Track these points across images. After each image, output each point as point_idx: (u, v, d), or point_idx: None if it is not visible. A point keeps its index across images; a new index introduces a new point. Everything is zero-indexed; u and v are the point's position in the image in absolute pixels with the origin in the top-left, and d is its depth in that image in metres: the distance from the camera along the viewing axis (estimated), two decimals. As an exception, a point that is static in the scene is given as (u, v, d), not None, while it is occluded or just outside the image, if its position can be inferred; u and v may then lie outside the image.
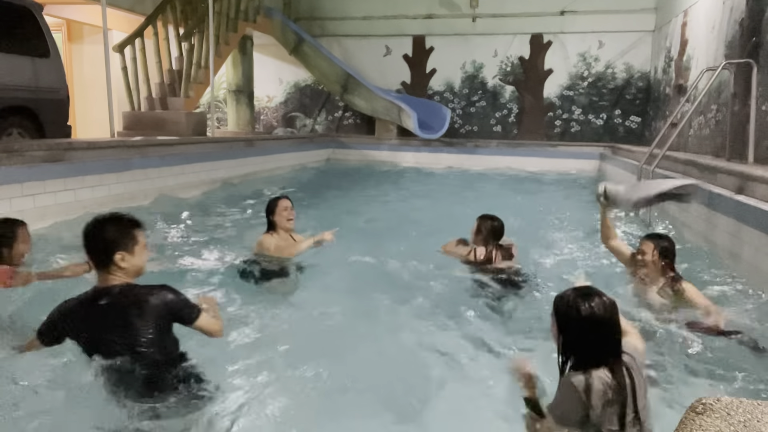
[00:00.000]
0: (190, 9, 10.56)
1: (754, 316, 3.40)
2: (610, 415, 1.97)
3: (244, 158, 9.57)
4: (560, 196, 8.97)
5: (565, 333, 2.09)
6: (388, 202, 8.11)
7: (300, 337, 3.17)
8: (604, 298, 2.08)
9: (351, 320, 3.45)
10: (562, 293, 2.16)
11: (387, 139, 13.28)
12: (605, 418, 1.97)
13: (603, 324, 2.04)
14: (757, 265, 3.90)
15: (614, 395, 1.97)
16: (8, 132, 6.74)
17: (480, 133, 13.90)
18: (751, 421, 1.37)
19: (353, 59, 14.27)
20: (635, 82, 12.87)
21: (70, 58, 11.89)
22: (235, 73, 13.00)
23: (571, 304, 2.08)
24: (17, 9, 6.87)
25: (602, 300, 2.07)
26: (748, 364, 2.89)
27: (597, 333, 2.04)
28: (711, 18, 8.26)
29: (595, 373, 1.99)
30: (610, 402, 1.96)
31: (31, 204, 5.34)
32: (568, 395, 2.02)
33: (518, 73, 13.60)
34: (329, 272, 4.25)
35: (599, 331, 2.04)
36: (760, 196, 4.18)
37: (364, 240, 5.46)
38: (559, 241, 5.66)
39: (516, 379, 2.27)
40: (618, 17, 12.61)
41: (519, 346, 3.16)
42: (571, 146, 12.33)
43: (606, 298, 2.09)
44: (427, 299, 3.85)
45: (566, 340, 2.09)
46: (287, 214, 4.29)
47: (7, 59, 6.68)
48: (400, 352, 3.09)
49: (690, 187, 3.78)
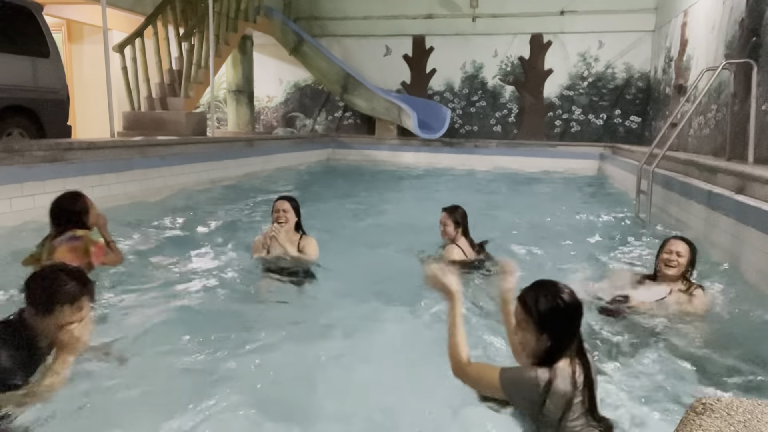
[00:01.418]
0: (190, 9, 10.56)
1: (754, 315, 3.40)
2: (569, 406, 1.90)
3: (244, 158, 9.57)
4: (560, 197, 8.96)
5: (551, 332, 1.96)
6: (388, 203, 8.10)
7: (298, 338, 3.16)
8: (567, 287, 2.01)
9: (350, 320, 3.45)
10: (536, 293, 2.00)
11: (387, 139, 13.29)
12: (563, 410, 1.90)
13: (580, 315, 1.98)
14: (758, 265, 3.90)
15: (575, 387, 1.92)
16: (8, 132, 6.75)
17: (480, 133, 13.90)
18: (751, 421, 1.37)
19: (353, 59, 14.28)
20: (635, 82, 12.87)
21: (70, 58, 11.90)
22: (235, 73, 13.01)
23: (555, 302, 1.95)
24: (17, 9, 6.87)
25: (569, 289, 2.00)
26: (748, 364, 2.89)
27: (575, 325, 1.98)
28: (711, 18, 8.26)
29: (559, 369, 1.92)
30: (570, 395, 1.90)
31: (31, 204, 5.33)
32: (527, 386, 1.93)
33: (518, 73, 13.60)
34: (330, 272, 4.24)
35: (576, 322, 1.98)
36: (760, 196, 4.18)
37: (364, 240, 5.47)
38: (556, 241, 5.67)
39: (436, 289, 2.21)
40: (618, 17, 12.61)
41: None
42: (571, 146, 12.34)
43: (568, 287, 2.01)
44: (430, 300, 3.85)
45: (553, 340, 1.96)
46: (276, 216, 4.18)
47: (7, 59, 6.68)
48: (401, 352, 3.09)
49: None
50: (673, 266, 3.44)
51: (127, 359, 2.67)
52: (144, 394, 2.50)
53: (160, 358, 2.86)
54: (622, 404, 2.56)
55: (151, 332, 3.14)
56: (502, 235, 5.96)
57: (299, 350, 2.99)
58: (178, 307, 3.54)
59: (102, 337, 2.91)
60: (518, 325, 2.05)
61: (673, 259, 3.43)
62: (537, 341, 1.98)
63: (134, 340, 3.02)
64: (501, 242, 5.55)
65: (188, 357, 2.89)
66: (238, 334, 3.14)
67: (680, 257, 3.43)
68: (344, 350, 3.00)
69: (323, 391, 2.62)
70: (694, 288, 3.44)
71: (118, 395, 2.46)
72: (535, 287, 2.03)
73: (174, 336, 3.11)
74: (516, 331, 2.07)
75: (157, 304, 3.57)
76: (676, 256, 3.43)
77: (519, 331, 2.04)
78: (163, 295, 3.73)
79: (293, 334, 3.21)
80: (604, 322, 3.34)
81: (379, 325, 3.38)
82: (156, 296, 3.70)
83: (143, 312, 3.40)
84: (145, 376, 2.64)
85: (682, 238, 3.58)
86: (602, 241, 5.59)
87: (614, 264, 4.68)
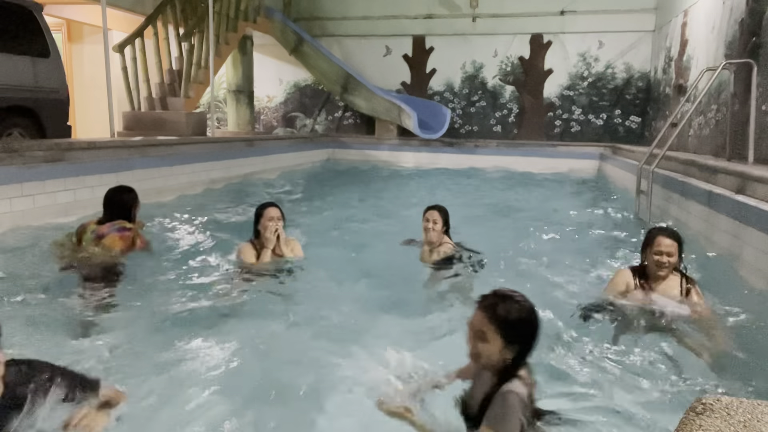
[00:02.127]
0: (190, 9, 10.56)
1: (754, 316, 3.40)
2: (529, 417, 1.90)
3: (244, 158, 9.57)
4: (560, 196, 8.97)
5: (521, 343, 1.90)
6: (388, 203, 8.10)
7: (293, 340, 3.16)
8: (522, 295, 1.97)
9: (348, 321, 3.45)
10: (504, 304, 1.92)
11: (387, 139, 13.28)
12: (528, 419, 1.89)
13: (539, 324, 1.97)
14: (758, 265, 3.90)
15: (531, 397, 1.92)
16: (8, 132, 6.75)
17: (480, 133, 13.90)
18: (751, 421, 1.37)
19: (353, 59, 14.28)
20: (635, 82, 12.87)
21: (70, 58, 11.91)
22: (235, 73, 13.01)
23: (524, 313, 1.90)
24: (17, 9, 6.87)
25: (525, 298, 1.97)
26: (748, 364, 2.89)
27: (538, 334, 1.94)
28: (711, 18, 8.26)
29: (520, 380, 1.90)
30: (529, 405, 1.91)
31: (31, 204, 5.34)
32: (513, 409, 1.84)
33: (518, 73, 13.60)
34: (329, 273, 4.24)
35: (539, 331, 1.94)
36: (761, 196, 4.18)
37: (363, 241, 5.47)
38: (556, 241, 5.67)
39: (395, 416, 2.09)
40: (618, 17, 12.61)
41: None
42: (571, 146, 12.34)
43: (522, 295, 1.98)
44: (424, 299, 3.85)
45: (521, 350, 1.91)
46: (270, 224, 4.07)
47: (7, 59, 6.68)
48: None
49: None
50: (665, 267, 3.43)
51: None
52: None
53: (139, 358, 2.86)
54: (622, 404, 2.56)
55: (137, 334, 3.14)
56: (502, 234, 5.97)
57: (292, 354, 2.99)
58: (165, 310, 3.51)
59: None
60: (477, 336, 1.93)
61: (664, 261, 3.41)
62: (500, 352, 1.91)
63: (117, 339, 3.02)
64: (501, 242, 5.56)
65: (168, 356, 2.88)
66: (224, 337, 3.10)
67: (670, 257, 3.40)
68: (335, 350, 2.97)
69: (310, 391, 2.61)
70: (689, 287, 3.43)
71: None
72: (500, 297, 1.95)
73: (159, 338, 3.10)
74: (473, 342, 1.94)
75: (146, 305, 3.56)
76: (667, 257, 3.40)
77: (478, 343, 1.93)
78: (152, 296, 3.72)
79: (283, 334, 3.21)
80: (604, 323, 3.34)
81: (376, 325, 3.38)
82: (146, 296, 3.70)
83: (127, 314, 3.41)
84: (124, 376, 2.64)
85: (668, 234, 3.48)
86: (602, 241, 5.59)
87: (614, 264, 4.68)
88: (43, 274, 3.98)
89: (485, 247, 4.63)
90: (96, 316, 3.40)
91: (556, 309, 3.56)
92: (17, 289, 3.69)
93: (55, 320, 3.29)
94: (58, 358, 2.22)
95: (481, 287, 3.93)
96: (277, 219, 4.12)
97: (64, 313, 3.40)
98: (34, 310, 3.39)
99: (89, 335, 3.15)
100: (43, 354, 2.31)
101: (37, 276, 3.94)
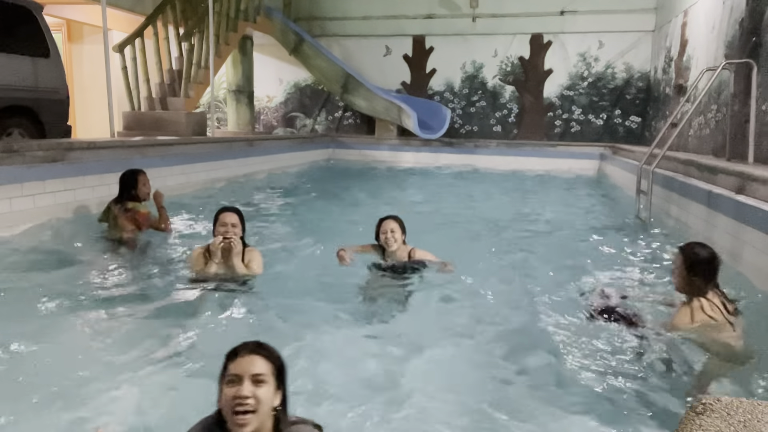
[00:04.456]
0: (190, 9, 10.55)
1: (754, 315, 3.40)
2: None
3: (244, 158, 9.57)
4: (560, 197, 8.97)
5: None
6: (388, 203, 8.09)
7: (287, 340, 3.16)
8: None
9: (345, 320, 3.44)
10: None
11: (387, 139, 13.28)
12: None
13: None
14: (758, 265, 3.90)
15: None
16: (8, 132, 6.75)
17: (480, 133, 13.89)
18: (751, 421, 1.37)
19: (353, 59, 14.27)
20: (635, 82, 12.87)
21: (70, 58, 11.90)
22: (235, 73, 13.00)
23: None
24: (17, 9, 6.87)
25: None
26: (749, 364, 2.89)
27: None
28: (711, 18, 8.26)
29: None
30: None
31: (31, 204, 5.33)
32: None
33: (518, 73, 13.60)
34: (328, 273, 4.24)
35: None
36: (761, 196, 4.18)
37: (362, 240, 5.44)
38: (556, 241, 5.66)
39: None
40: (618, 17, 12.61)
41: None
42: (571, 146, 12.34)
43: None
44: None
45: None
46: (223, 230, 3.73)
47: (7, 59, 6.68)
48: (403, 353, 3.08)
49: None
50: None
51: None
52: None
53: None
54: (622, 404, 2.56)
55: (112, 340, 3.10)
56: (501, 234, 5.97)
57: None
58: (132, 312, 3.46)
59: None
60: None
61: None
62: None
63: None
64: (500, 242, 5.56)
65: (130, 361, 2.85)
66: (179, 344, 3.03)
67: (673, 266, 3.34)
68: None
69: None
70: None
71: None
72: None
73: (127, 341, 3.06)
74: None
75: (119, 305, 3.54)
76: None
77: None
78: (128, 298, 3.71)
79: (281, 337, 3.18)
80: (603, 323, 3.34)
81: (373, 326, 3.37)
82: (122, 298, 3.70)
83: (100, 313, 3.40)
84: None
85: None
86: (602, 241, 5.58)
87: (613, 264, 4.68)
88: (41, 273, 4.00)
89: (485, 247, 4.63)
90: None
91: (556, 309, 3.56)
92: (17, 288, 3.71)
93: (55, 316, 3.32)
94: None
95: (451, 288, 3.93)
96: (232, 226, 3.76)
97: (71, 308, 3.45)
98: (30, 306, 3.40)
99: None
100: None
101: (37, 276, 3.96)
